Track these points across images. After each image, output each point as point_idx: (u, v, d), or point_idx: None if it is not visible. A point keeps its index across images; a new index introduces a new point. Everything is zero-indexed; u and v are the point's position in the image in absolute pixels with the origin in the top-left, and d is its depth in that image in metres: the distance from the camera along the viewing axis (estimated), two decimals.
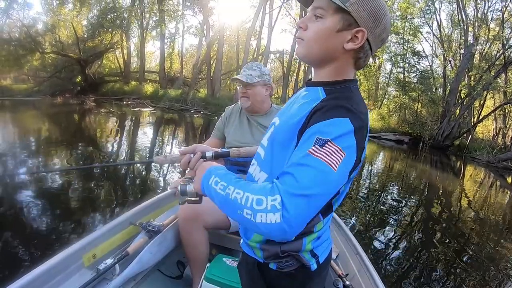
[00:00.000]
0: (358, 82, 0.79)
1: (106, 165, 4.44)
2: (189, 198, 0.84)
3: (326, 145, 0.61)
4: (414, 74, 19.79)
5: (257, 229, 0.61)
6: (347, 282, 1.42)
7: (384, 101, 22.72)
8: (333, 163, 0.60)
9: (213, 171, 0.73)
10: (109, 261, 1.30)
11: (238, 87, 1.81)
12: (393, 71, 21.63)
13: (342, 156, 0.61)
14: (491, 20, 16.41)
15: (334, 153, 0.61)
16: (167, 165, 5.54)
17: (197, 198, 0.84)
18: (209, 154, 0.95)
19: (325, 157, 0.60)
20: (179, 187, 0.85)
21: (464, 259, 3.43)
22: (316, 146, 0.61)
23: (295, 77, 26.28)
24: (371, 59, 22.72)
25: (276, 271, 0.77)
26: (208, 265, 1.37)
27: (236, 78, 1.74)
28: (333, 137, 0.61)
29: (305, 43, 0.73)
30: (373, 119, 17.82)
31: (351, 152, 0.63)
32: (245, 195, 0.62)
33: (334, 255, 1.67)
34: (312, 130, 0.63)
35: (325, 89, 0.72)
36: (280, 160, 0.72)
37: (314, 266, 0.77)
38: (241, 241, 0.87)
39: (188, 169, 0.93)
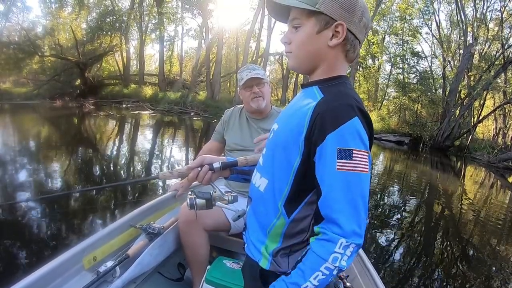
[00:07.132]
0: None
1: (109, 186, 4.42)
2: (199, 210, 0.96)
3: (353, 155, 0.63)
4: (414, 75, 19.82)
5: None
6: (348, 284, 1.41)
7: (384, 102, 22.72)
8: (363, 167, 0.64)
9: None
10: (109, 263, 1.29)
11: (242, 91, 1.74)
12: (393, 72, 21.66)
13: (366, 154, 0.65)
14: (490, 20, 16.50)
15: (361, 158, 0.64)
16: (168, 162, 5.54)
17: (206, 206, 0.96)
18: (216, 165, 0.93)
19: (357, 167, 0.63)
20: (188, 201, 0.95)
21: (465, 260, 3.42)
22: (343, 160, 0.63)
23: (294, 79, 26.28)
24: (370, 60, 23.00)
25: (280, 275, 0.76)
26: (208, 267, 1.37)
27: (255, 77, 1.68)
28: (354, 145, 0.63)
29: (293, 55, 0.76)
30: (373, 120, 17.47)
31: (367, 144, 0.66)
32: (323, 269, 0.63)
33: None
34: (328, 143, 0.64)
35: (320, 87, 0.73)
36: (282, 164, 0.72)
37: None
38: (246, 245, 0.86)
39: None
